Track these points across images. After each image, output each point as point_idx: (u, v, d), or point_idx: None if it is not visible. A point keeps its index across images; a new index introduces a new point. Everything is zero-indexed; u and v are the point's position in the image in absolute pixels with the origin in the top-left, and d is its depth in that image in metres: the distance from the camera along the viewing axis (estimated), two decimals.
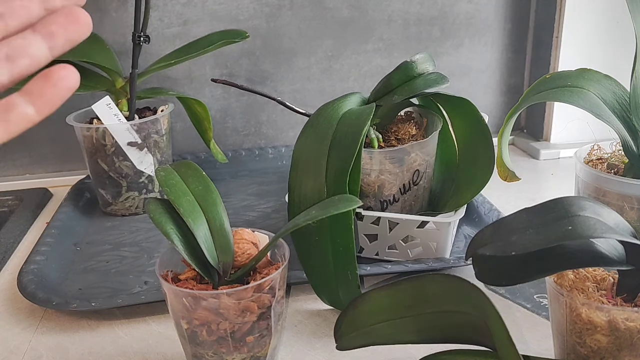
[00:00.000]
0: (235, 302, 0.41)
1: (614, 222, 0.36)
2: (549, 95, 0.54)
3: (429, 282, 0.37)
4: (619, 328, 0.36)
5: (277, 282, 0.43)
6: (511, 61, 1.02)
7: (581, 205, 0.36)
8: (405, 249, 0.61)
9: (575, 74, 0.55)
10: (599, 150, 0.62)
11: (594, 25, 0.90)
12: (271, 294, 0.42)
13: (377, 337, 0.40)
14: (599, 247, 0.37)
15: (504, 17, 0.99)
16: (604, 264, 0.37)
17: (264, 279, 0.42)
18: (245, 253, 0.45)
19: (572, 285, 0.40)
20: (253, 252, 0.46)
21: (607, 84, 0.54)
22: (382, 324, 0.39)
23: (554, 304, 0.41)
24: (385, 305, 0.39)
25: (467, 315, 0.35)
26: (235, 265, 0.45)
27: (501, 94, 1.04)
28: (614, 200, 0.54)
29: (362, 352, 0.47)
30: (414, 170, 0.61)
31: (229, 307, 0.41)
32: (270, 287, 0.42)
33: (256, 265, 0.45)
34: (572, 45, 0.91)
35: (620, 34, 0.90)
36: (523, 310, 0.55)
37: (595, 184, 0.56)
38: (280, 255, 0.46)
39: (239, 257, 0.45)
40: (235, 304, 0.41)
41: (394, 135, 0.63)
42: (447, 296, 0.36)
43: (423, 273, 0.59)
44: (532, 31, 1.00)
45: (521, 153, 0.99)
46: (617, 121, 0.53)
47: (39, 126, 0.97)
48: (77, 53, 0.71)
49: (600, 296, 0.39)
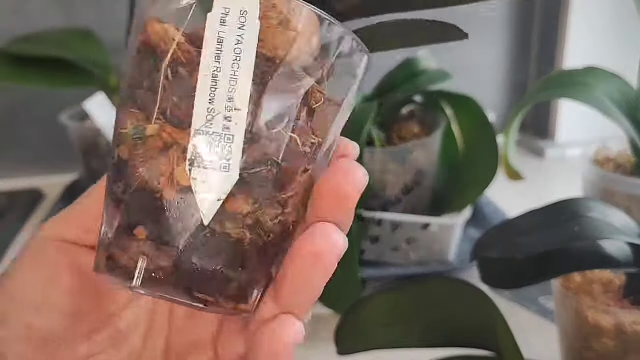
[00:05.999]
0: None
1: (622, 224, 0.36)
2: (555, 93, 0.54)
3: (433, 285, 0.37)
4: (626, 332, 0.36)
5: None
6: (516, 58, 1.01)
7: (588, 206, 0.36)
8: (408, 251, 0.61)
9: (582, 72, 0.54)
10: (606, 149, 0.61)
11: (601, 23, 0.89)
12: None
13: (380, 341, 0.39)
14: (606, 249, 0.37)
15: (509, 13, 0.98)
16: (611, 266, 0.37)
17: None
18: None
19: (578, 288, 0.40)
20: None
21: (615, 82, 0.54)
22: (385, 329, 0.39)
23: (560, 307, 0.40)
24: (389, 309, 0.38)
25: (472, 319, 0.35)
26: None
27: (506, 92, 1.03)
28: (621, 201, 0.54)
29: (364, 357, 0.46)
30: (417, 170, 0.61)
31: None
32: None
33: None
34: (578, 42, 0.90)
35: (627, 32, 0.89)
36: (529, 314, 0.54)
37: (602, 185, 0.56)
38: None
39: None
40: None
41: (396, 134, 0.62)
42: (451, 300, 0.36)
43: (427, 276, 0.59)
44: (538, 28, 0.99)
45: (526, 152, 0.98)
46: (625, 120, 0.52)
47: (31, 125, 0.97)
48: (68, 49, 0.70)
49: (607, 299, 0.38)
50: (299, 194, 0.20)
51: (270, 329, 0.20)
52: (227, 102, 0.18)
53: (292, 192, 0.20)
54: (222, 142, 0.18)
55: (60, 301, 0.21)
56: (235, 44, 0.18)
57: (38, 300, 0.21)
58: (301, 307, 0.20)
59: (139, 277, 0.19)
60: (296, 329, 0.20)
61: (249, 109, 0.18)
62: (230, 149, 0.18)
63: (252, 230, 0.19)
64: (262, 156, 0.19)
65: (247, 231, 0.19)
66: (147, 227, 0.19)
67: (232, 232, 0.19)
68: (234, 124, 0.18)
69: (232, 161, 0.18)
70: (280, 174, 0.19)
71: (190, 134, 0.18)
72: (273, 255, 0.20)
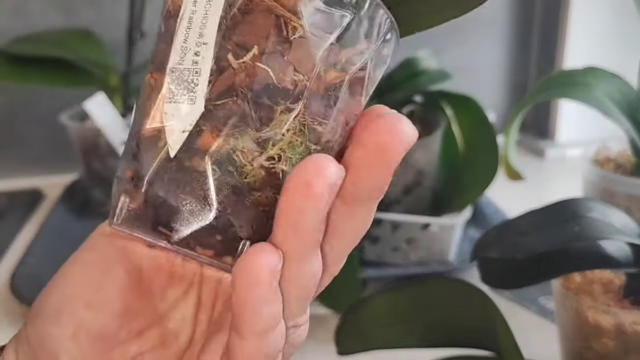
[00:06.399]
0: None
1: (622, 224, 0.36)
2: (555, 93, 0.54)
3: (433, 285, 0.37)
4: (626, 332, 0.36)
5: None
6: (516, 58, 1.01)
7: (588, 206, 0.36)
8: (408, 251, 0.61)
9: (582, 72, 0.54)
10: (606, 149, 0.61)
11: (601, 22, 0.89)
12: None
13: (380, 341, 0.39)
14: (606, 249, 0.37)
15: (509, 13, 0.98)
16: (611, 266, 0.37)
17: None
18: None
19: (578, 288, 0.40)
20: None
21: (615, 82, 0.54)
22: (385, 329, 0.39)
23: (560, 307, 0.40)
24: (389, 309, 0.38)
25: (472, 320, 0.35)
26: None
27: (506, 92, 1.03)
28: (621, 202, 0.54)
29: (364, 357, 0.46)
30: (417, 170, 0.61)
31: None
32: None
33: None
34: (578, 42, 0.90)
35: (627, 32, 0.89)
36: (529, 314, 0.54)
37: (602, 185, 0.56)
38: None
39: None
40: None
41: None
42: (451, 300, 0.36)
43: (427, 276, 0.59)
44: (538, 27, 0.99)
45: (526, 152, 0.98)
46: (625, 120, 0.52)
47: (31, 124, 0.96)
48: (68, 49, 0.70)
49: (607, 299, 0.38)
50: (284, 137, 0.19)
51: (245, 253, 0.18)
52: (197, 39, 0.19)
53: (272, 131, 0.19)
54: (191, 75, 0.19)
55: (112, 297, 0.21)
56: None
57: (90, 296, 0.21)
58: (292, 248, 0.18)
59: (119, 216, 0.20)
60: (273, 257, 0.18)
61: (217, 41, 0.18)
62: (197, 81, 0.19)
63: (221, 167, 0.19)
64: (228, 87, 0.18)
65: (216, 167, 0.19)
66: (131, 167, 0.20)
67: (198, 166, 0.19)
68: (201, 57, 0.19)
69: (197, 93, 0.18)
70: (251, 106, 0.19)
71: (166, 73, 0.19)
72: (256, 203, 0.19)
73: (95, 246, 0.22)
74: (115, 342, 0.22)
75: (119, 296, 0.22)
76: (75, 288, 0.21)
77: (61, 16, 0.84)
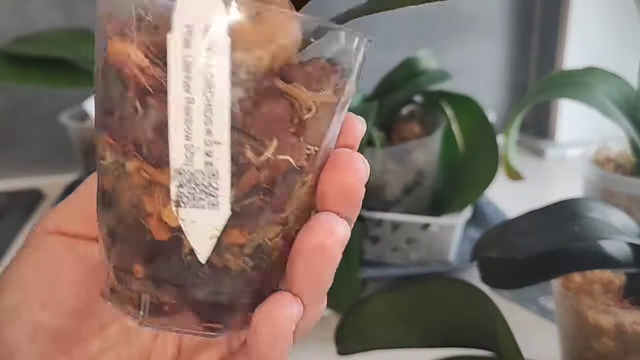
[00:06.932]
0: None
1: (622, 224, 0.36)
2: (555, 93, 0.54)
3: (433, 285, 0.37)
4: (626, 332, 0.36)
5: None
6: (516, 58, 1.01)
7: (588, 206, 0.36)
8: (408, 251, 0.61)
9: (582, 72, 0.54)
10: (606, 149, 0.61)
11: (600, 22, 0.89)
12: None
13: (380, 341, 0.39)
14: (606, 249, 0.37)
15: (509, 12, 0.98)
16: (611, 266, 0.37)
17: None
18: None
19: (578, 288, 0.39)
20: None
21: (615, 82, 0.54)
22: (385, 329, 0.39)
23: (560, 307, 0.40)
24: (389, 309, 0.38)
25: (472, 320, 0.35)
26: None
27: (506, 92, 1.03)
28: (621, 201, 0.53)
29: (364, 357, 0.46)
30: (417, 170, 0.61)
31: None
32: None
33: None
34: (578, 42, 0.90)
35: (627, 32, 0.89)
36: (529, 314, 0.54)
37: (602, 185, 0.56)
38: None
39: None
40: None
41: (396, 134, 0.62)
42: (451, 300, 0.36)
43: (427, 276, 0.59)
44: (538, 27, 0.99)
45: (526, 152, 0.98)
46: (625, 120, 0.52)
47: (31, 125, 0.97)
48: (68, 49, 0.70)
49: (607, 299, 0.38)
50: (300, 206, 0.19)
51: (266, 304, 0.19)
52: (205, 136, 0.16)
53: (291, 208, 0.18)
54: (207, 179, 0.17)
55: (67, 296, 0.21)
56: (205, 69, 0.16)
57: (45, 296, 0.21)
58: (309, 296, 0.19)
59: (144, 314, 0.19)
60: (294, 307, 0.19)
61: (232, 139, 0.16)
62: (217, 185, 0.17)
63: (253, 256, 0.18)
64: (253, 187, 0.17)
65: (248, 259, 0.18)
66: (145, 266, 0.18)
67: (232, 264, 0.18)
68: (215, 158, 0.16)
69: (220, 197, 0.17)
70: (275, 199, 0.18)
71: (170, 175, 0.17)
72: (280, 266, 0.19)
73: (42, 245, 0.22)
74: (75, 340, 0.21)
75: (75, 294, 0.21)
76: (29, 289, 0.21)
77: (61, 16, 0.84)
